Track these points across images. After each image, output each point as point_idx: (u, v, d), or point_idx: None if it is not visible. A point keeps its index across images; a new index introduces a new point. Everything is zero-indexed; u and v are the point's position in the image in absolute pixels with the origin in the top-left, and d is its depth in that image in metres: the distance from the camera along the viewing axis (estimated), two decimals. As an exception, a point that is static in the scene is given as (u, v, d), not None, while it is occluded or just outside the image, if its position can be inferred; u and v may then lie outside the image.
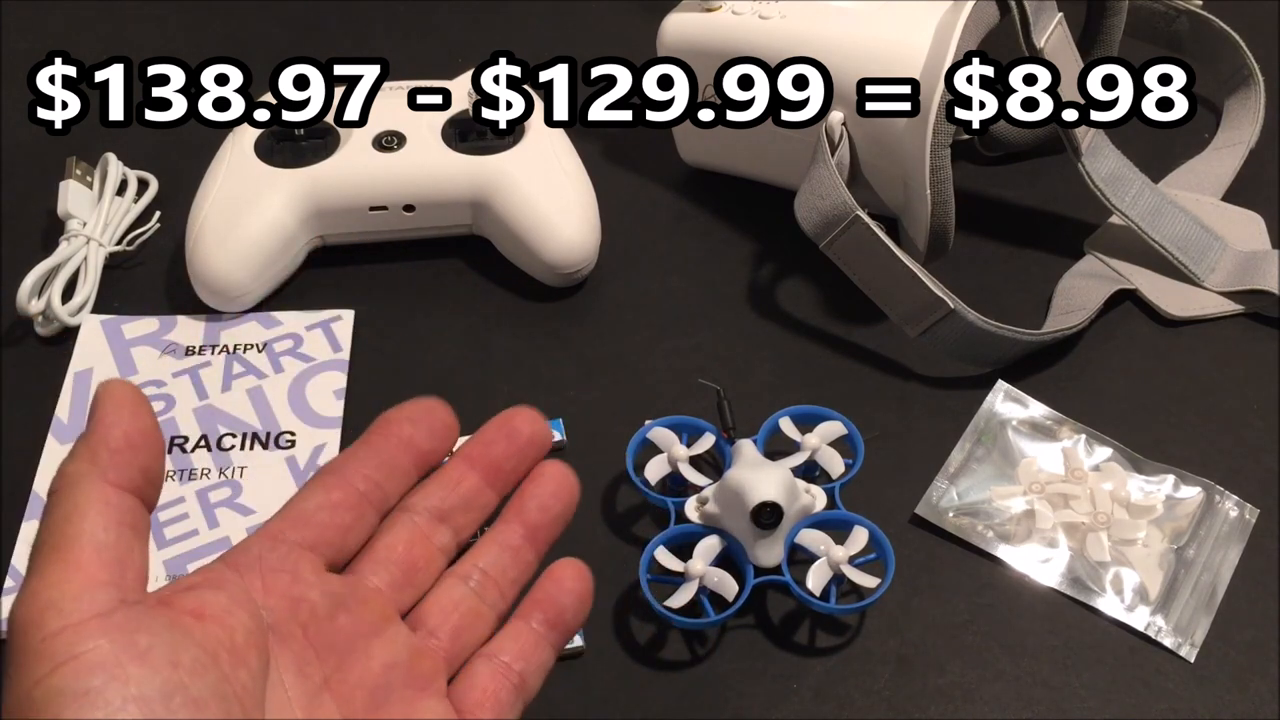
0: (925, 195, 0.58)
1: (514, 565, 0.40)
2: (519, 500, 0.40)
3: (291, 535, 0.37)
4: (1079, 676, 0.50)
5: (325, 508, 0.37)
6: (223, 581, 0.34)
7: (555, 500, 0.41)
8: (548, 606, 0.40)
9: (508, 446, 0.40)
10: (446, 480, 0.40)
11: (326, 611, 0.36)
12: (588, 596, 0.40)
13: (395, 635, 0.38)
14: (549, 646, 0.40)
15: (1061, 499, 0.54)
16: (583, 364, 0.61)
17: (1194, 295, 0.62)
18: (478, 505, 0.40)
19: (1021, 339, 0.58)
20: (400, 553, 0.38)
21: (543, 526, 0.40)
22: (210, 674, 0.31)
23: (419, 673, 0.37)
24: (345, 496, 0.38)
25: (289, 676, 0.35)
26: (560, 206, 0.62)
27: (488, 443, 0.40)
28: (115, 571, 0.32)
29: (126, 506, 0.33)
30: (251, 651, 0.33)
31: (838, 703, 0.49)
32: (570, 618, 0.40)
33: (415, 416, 0.39)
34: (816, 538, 0.51)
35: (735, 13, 0.62)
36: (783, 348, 0.61)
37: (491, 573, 0.40)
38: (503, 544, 0.40)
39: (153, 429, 0.33)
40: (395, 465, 0.38)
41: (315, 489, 0.38)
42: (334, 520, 0.37)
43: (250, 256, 0.60)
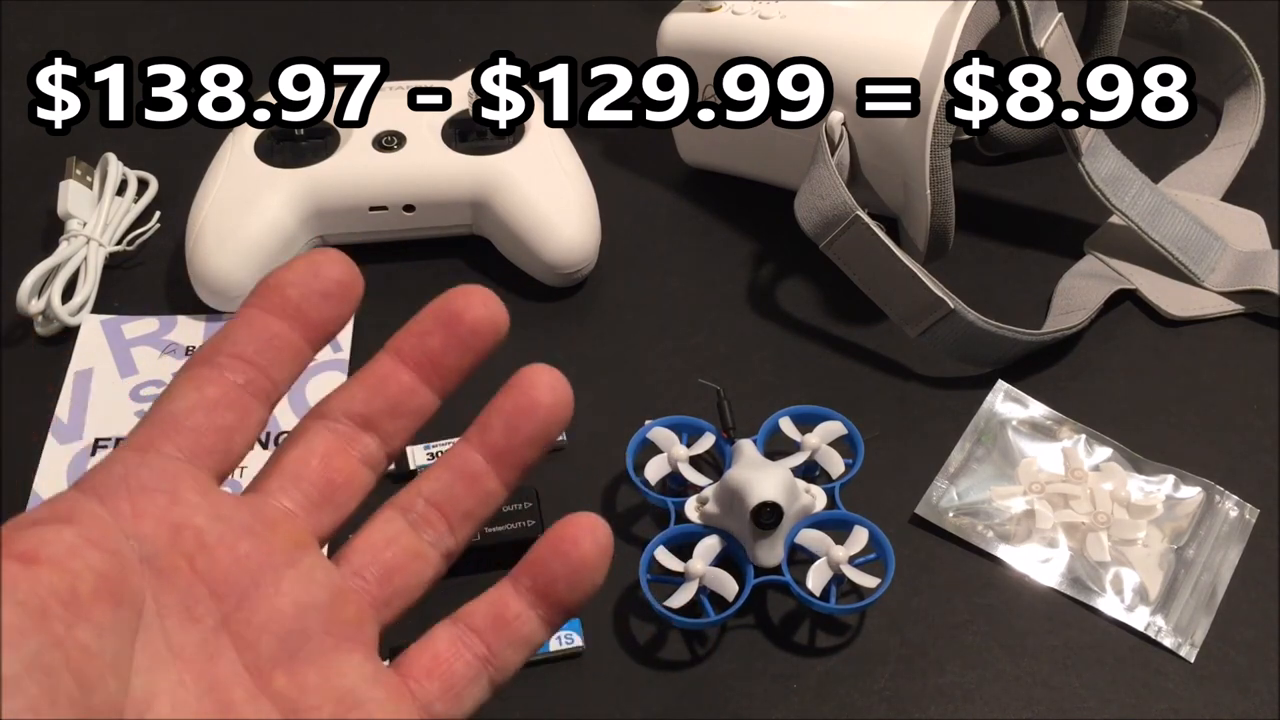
0: (925, 195, 0.58)
1: (469, 495, 0.33)
2: (485, 414, 0.33)
3: (164, 446, 0.30)
4: (1079, 676, 0.50)
5: (200, 406, 0.30)
6: (74, 513, 0.27)
7: (529, 418, 0.33)
8: (539, 574, 0.32)
9: (446, 335, 0.33)
10: (371, 379, 0.33)
11: (220, 538, 0.29)
12: (598, 564, 0.32)
13: (312, 568, 0.31)
14: (537, 620, 0.32)
15: (1061, 499, 0.54)
16: (583, 364, 0.61)
17: (1194, 295, 0.62)
18: (410, 409, 0.33)
19: (1021, 339, 0.58)
20: (315, 467, 0.32)
21: (511, 450, 0.33)
22: (31, 640, 0.24)
23: (341, 618, 0.31)
24: (222, 391, 0.30)
25: (173, 621, 0.28)
26: (560, 206, 0.62)
27: (422, 333, 0.33)
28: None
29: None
30: (102, 602, 0.26)
31: (838, 703, 0.49)
32: (567, 589, 0.32)
33: (299, 277, 0.32)
34: (816, 538, 0.51)
35: (735, 13, 0.62)
36: (783, 348, 0.61)
37: (439, 502, 0.33)
38: (458, 469, 0.33)
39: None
40: (280, 343, 0.31)
41: (184, 386, 0.31)
42: (212, 422, 0.30)
43: (250, 256, 0.60)
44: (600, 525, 0.32)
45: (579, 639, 0.50)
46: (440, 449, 0.56)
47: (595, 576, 0.32)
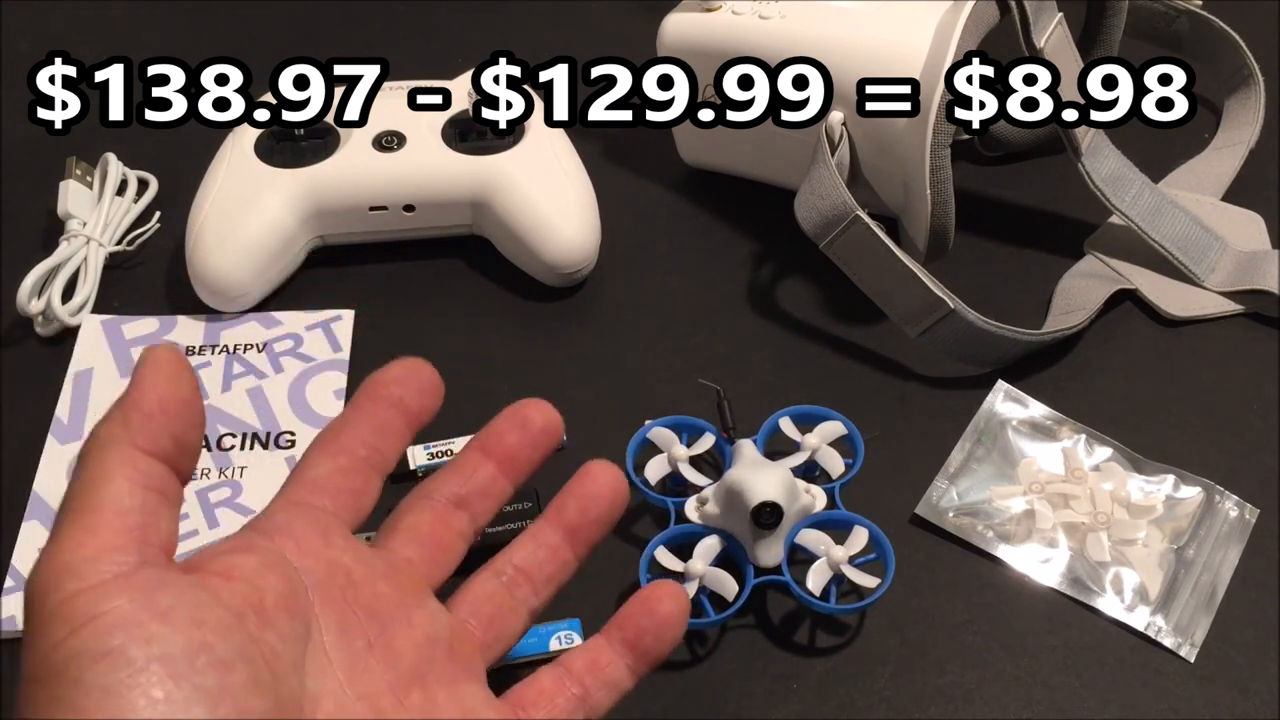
0: (925, 195, 0.58)
1: (550, 562, 0.40)
2: (560, 499, 0.41)
3: (313, 500, 0.36)
4: (1079, 676, 0.50)
5: (336, 473, 0.37)
6: (253, 546, 0.34)
7: (596, 502, 0.41)
8: (629, 627, 0.40)
9: (521, 436, 0.40)
10: (462, 468, 0.40)
11: (364, 577, 0.36)
12: (679, 622, 0.40)
13: (434, 610, 0.37)
14: (624, 668, 0.40)
15: (1061, 499, 0.54)
16: (583, 364, 0.61)
17: (1194, 295, 0.62)
18: (493, 493, 0.40)
19: (1021, 339, 0.58)
20: (425, 531, 0.39)
21: (583, 527, 0.41)
22: (236, 634, 0.30)
23: (460, 653, 0.37)
24: (351, 461, 0.37)
25: (331, 638, 0.34)
26: (560, 206, 0.62)
27: (501, 433, 0.41)
28: (137, 536, 0.31)
29: (154, 472, 0.32)
30: (283, 614, 0.32)
31: (838, 703, 0.49)
32: (652, 642, 0.40)
33: (401, 378, 0.39)
34: (816, 538, 0.51)
35: (735, 13, 0.62)
36: (783, 348, 0.61)
37: (525, 568, 0.40)
38: (539, 541, 0.40)
39: (190, 396, 0.33)
40: (389, 427, 0.39)
41: (320, 456, 0.37)
42: (347, 485, 0.37)
43: (250, 256, 0.60)
44: (680, 591, 0.40)
45: (579, 639, 0.50)
46: (439, 449, 0.56)
47: (676, 632, 0.40)
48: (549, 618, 0.50)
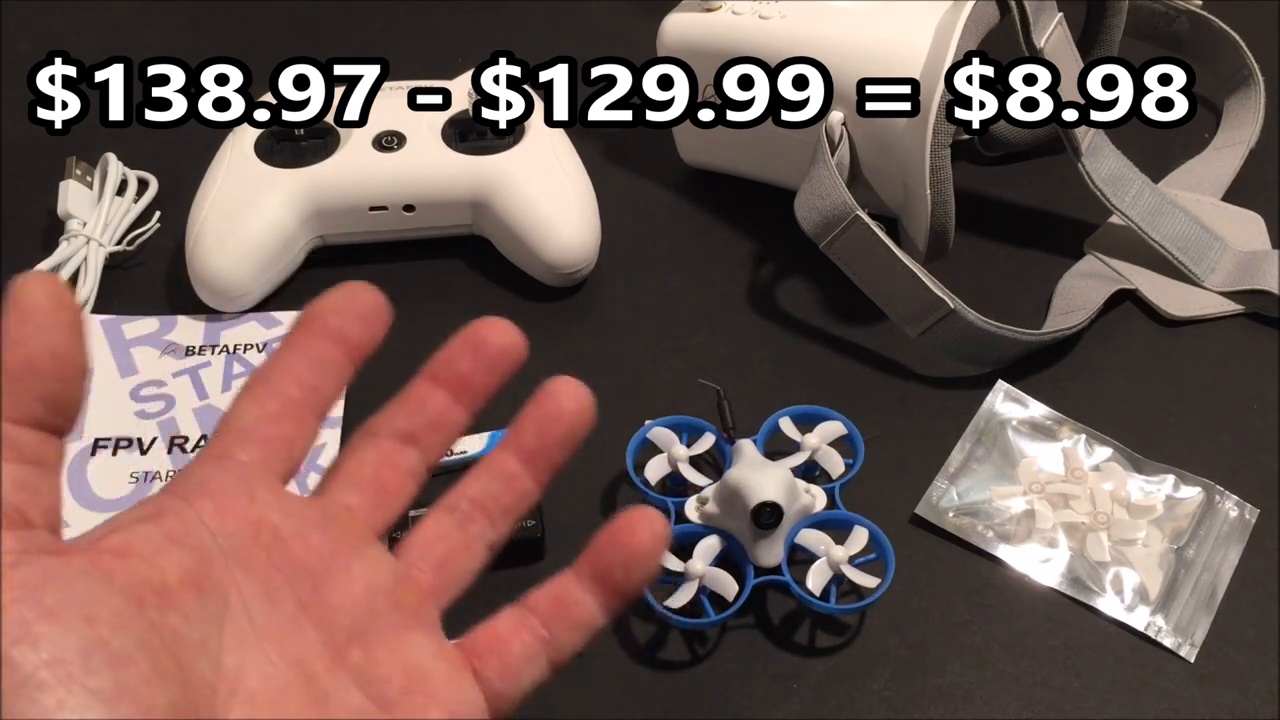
0: (925, 195, 0.58)
1: (507, 492, 0.37)
2: (518, 422, 0.37)
3: (238, 454, 0.33)
4: (1079, 676, 0.50)
5: (264, 420, 0.34)
6: (162, 513, 0.31)
7: (556, 423, 0.37)
8: (600, 558, 0.36)
9: (474, 360, 0.37)
10: (410, 400, 0.37)
11: (294, 531, 0.33)
12: (653, 551, 0.35)
13: (376, 557, 0.34)
14: (594, 604, 0.36)
15: (1061, 499, 0.54)
16: (583, 364, 0.61)
17: (1194, 295, 0.62)
18: (446, 424, 0.37)
19: (1021, 339, 0.58)
20: (369, 473, 0.35)
21: (541, 451, 0.37)
22: (134, 624, 0.28)
23: (405, 602, 0.34)
24: (281, 405, 0.34)
25: (256, 604, 0.31)
26: (560, 206, 0.62)
27: (452, 358, 0.37)
28: (14, 520, 0.28)
29: (26, 442, 0.29)
30: (189, 591, 0.29)
31: (838, 703, 0.49)
32: (623, 575, 0.35)
33: (340, 305, 0.36)
34: (816, 538, 0.51)
35: (735, 13, 0.62)
36: (783, 348, 0.61)
37: (481, 500, 0.37)
38: (495, 471, 0.37)
39: (66, 346, 0.29)
40: (327, 362, 0.35)
41: (247, 402, 0.34)
42: (276, 432, 0.34)
43: (250, 256, 0.60)
44: (656, 517, 0.36)
45: (579, 639, 0.50)
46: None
47: (650, 562, 0.35)
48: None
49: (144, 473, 0.55)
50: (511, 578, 0.53)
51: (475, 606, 0.47)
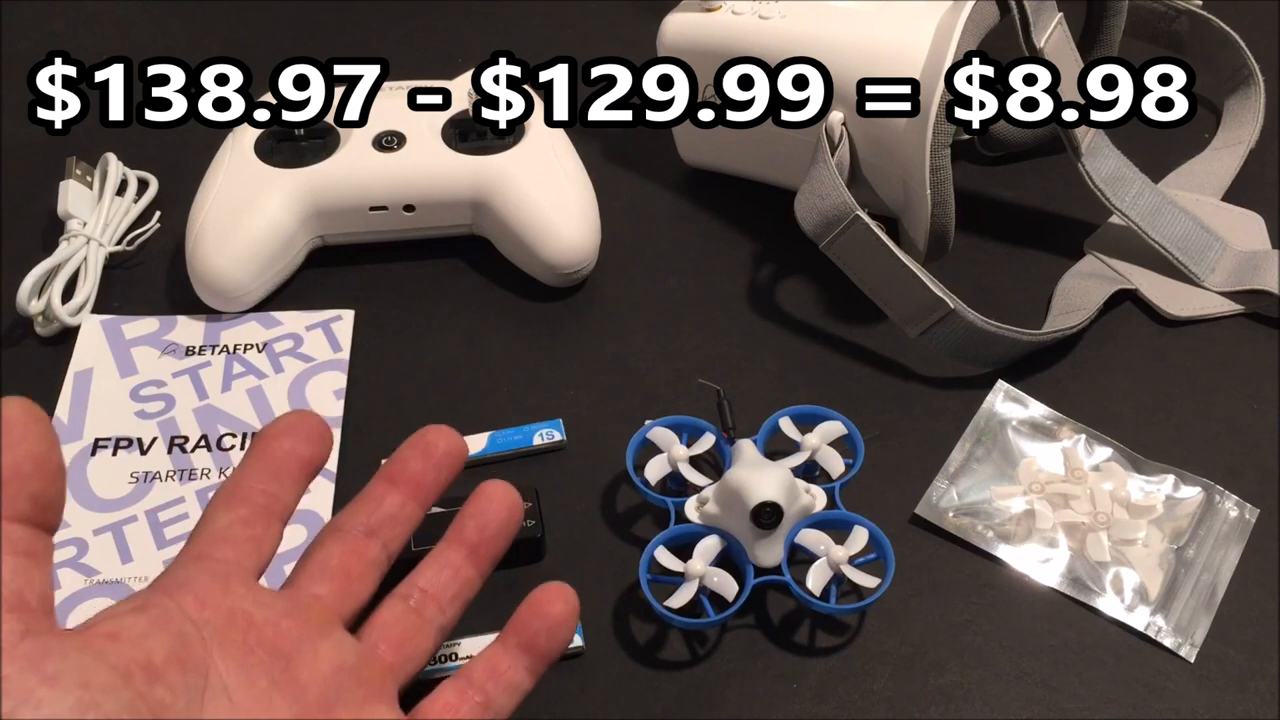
0: (925, 195, 0.58)
1: (453, 582, 0.42)
2: (458, 521, 0.43)
3: (214, 552, 0.38)
4: (1079, 676, 0.50)
5: (236, 523, 0.39)
6: (148, 605, 0.35)
7: (492, 520, 0.43)
8: (522, 630, 0.42)
9: (424, 462, 0.43)
10: (369, 500, 0.42)
11: (266, 618, 0.37)
12: (568, 621, 0.42)
13: (341, 640, 0.39)
14: (522, 670, 0.41)
15: (1061, 499, 0.54)
16: (583, 364, 0.61)
17: (1194, 295, 0.62)
18: (402, 519, 0.42)
19: (1021, 339, 0.58)
20: (335, 564, 0.40)
21: (482, 544, 0.43)
22: (123, 692, 0.32)
23: (368, 677, 0.39)
24: (250, 511, 0.39)
25: (234, 680, 0.36)
26: (560, 206, 0.62)
27: (404, 460, 0.43)
28: (14, 605, 0.32)
29: (17, 537, 0.33)
30: (173, 668, 0.34)
31: (838, 703, 0.49)
32: (545, 643, 0.42)
33: (288, 430, 0.41)
34: (816, 538, 0.51)
35: (735, 13, 0.62)
36: (783, 348, 0.61)
37: (430, 590, 0.42)
38: (442, 563, 0.42)
39: (45, 450, 0.33)
40: (284, 475, 0.40)
41: (219, 510, 0.39)
42: (247, 533, 0.39)
43: (250, 256, 0.61)
44: (568, 591, 0.42)
45: (579, 639, 0.50)
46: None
47: (567, 631, 0.42)
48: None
49: (144, 473, 0.55)
50: (512, 578, 0.53)
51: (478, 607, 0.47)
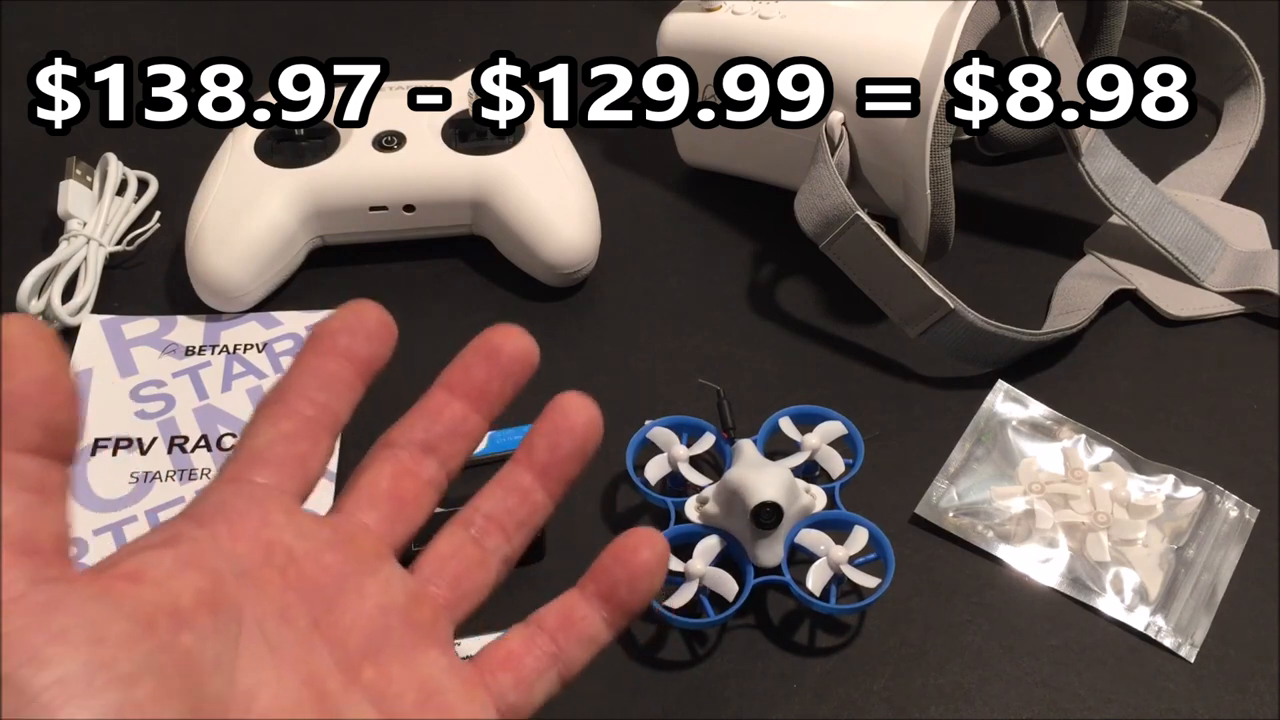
0: (925, 195, 0.58)
1: (521, 506, 0.38)
2: (529, 438, 0.38)
3: (253, 475, 0.34)
4: (1079, 676, 0.50)
5: (279, 440, 0.35)
6: (177, 538, 0.32)
7: (567, 437, 0.38)
8: (604, 577, 0.37)
9: (489, 368, 0.37)
10: (427, 410, 0.38)
11: (307, 551, 0.34)
12: (655, 570, 0.37)
13: (390, 575, 0.35)
14: (600, 621, 0.37)
15: (1061, 499, 0.54)
16: (583, 364, 0.61)
17: (1194, 295, 0.62)
18: (463, 433, 0.37)
19: (1021, 339, 0.58)
20: (385, 487, 0.36)
21: (554, 465, 0.38)
22: (143, 644, 0.28)
23: (418, 619, 0.35)
24: (295, 425, 0.35)
25: (271, 624, 0.32)
26: (560, 206, 0.62)
27: (467, 366, 0.38)
28: (21, 549, 0.28)
29: (27, 470, 0.29)
30: (203, 612, 0.30)
31: (838, 703, 0.49)
32: (627, 593, 0.37)
33: (349, 325, 0.37)
34: (816, 538, 0.51)
35: (735, 13, 0.62)
36: (783, 348, 0.61)
37: (495, 515, 0.37)
38: (509, 486, 0.38)
39: (52, 372, 0.29)
40: (338, 380, 0.36)
41: (262, 423, 0.35)
42: (291, 452, 0.35)
43: (250, 256, 0.61)
44: (658, 538, 0.37)
45: (579, 639, 0.50)
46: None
47: (653, 581, 0.37)
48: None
49: (144, 473, 0.55)
50: (512, 577, 0.53)
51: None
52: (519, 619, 0.51)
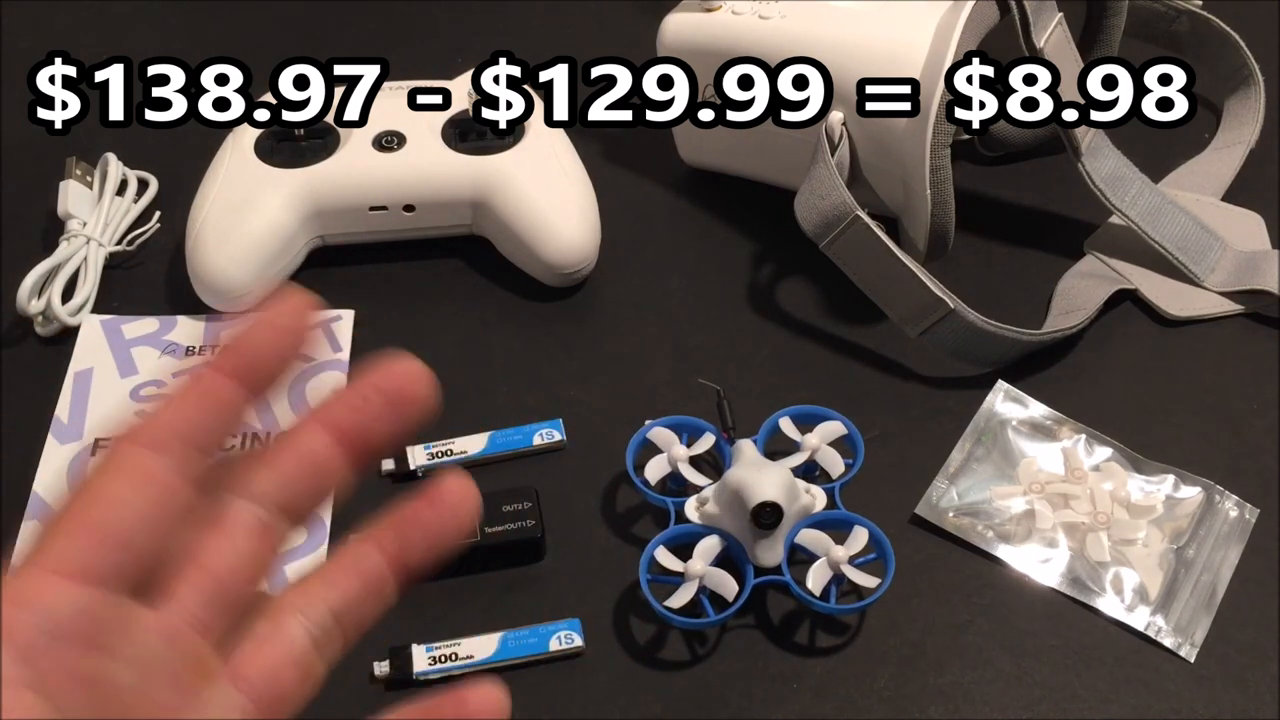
0: (925, 195, 0.58)
1: (368, 600, 0.31)
2: (395, 522, 0.32)
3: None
4: (1079, 676, 0.50)
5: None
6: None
7: (433, 528, 0.32)
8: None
9: (380, 407, 0.32)
10: (290, 455, 0.31)
11: (135, 686, 0.28)
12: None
13: (214, 704, 0.29)
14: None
15: (1061, 499, 0.54)
16: (583, 364, 0.61)
17: (1194, 295, 0.62)
18: (326, 479, 0.31)
19: (1021, 339, 0.58)
20: (227, 563, 0.30)
21: (410, 552, 0.32)
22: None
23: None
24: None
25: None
26: (560, 206, 0.62)
27: (351, 402, 0.32)
28: None
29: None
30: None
31: (838, 703, 0.49)
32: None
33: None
34: (816, 538, 0.51)
35: (735, 13, 0.62)
36: (783, 348, 0.61)
37: (344, 614, 0.31)
38: (362, 573, 0.31)
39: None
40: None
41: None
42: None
43: (250, 256, 0.60)
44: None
45: (579, 639, 0.50)
46: (439, 448, 0.56)
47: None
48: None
49: (144, 473, 0.55)
50: (511, 578, 0.53)
51: (478, 607, 0.47)
52: (519, 620, 0.51)
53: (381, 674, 0.49)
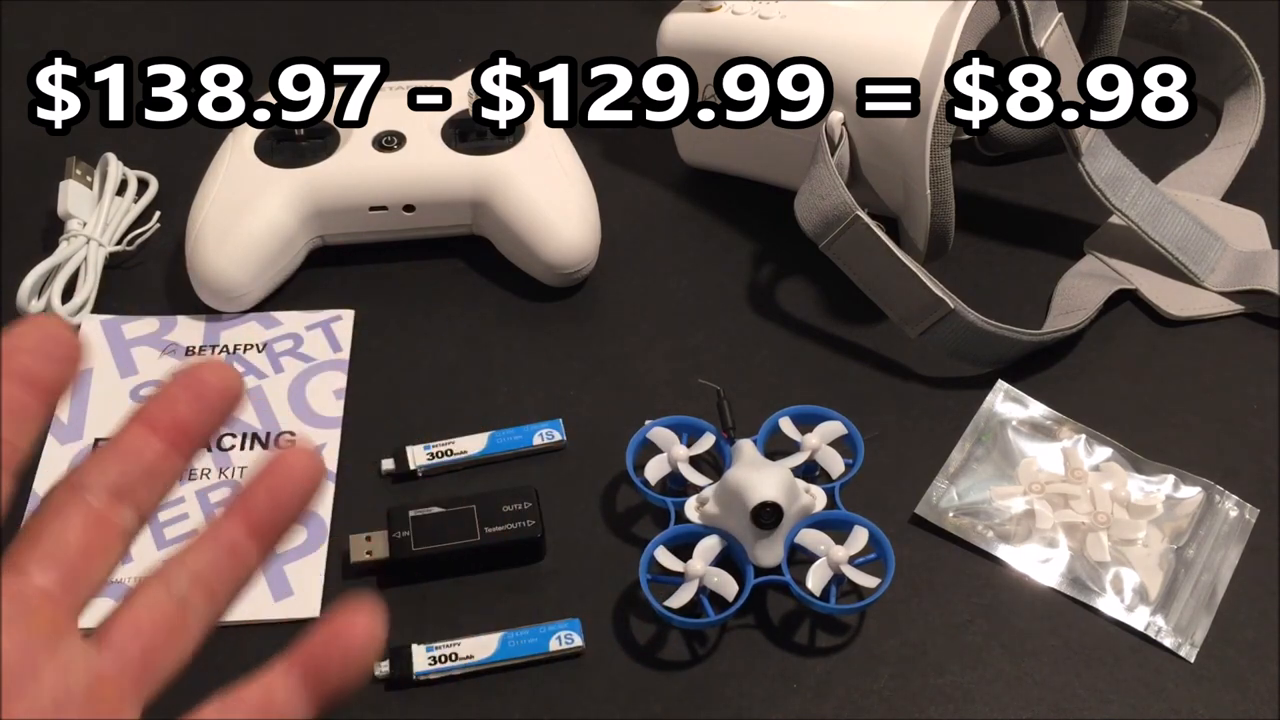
0: (925, 195, 0.58)
1: (233, 565, 0.34)
2: (248, 491, 0.34)
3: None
4: (1079, 676, 0.50)
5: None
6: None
7: (290, 492, 0.34)
8: (311, 657, 0.33)
9: (194, 403, 0.34)
10: (124, 449, 0.33)
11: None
12: (369, 647, 0.32)
13: (70, 657, 0.31)
14: (302, 705, 0.33)
15: (1061, 499, 0.54)
16: (583, 364, 0.61)
17: (1194, 295, 0.62)
18: (162, 473, 0.33)
19: (1021, 339, 0.58)
20: (73, 540, 0.32)
21: (272, 521, 0.34)
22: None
23: (99, 707, 0.31)
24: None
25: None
26: (560, 206, 0.62)
27: (170, 400, 0.34)
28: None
29: None
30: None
31: (838, 703, 0.49)
32: (338, 673, 0.32)
33: (33, 344, 0.32)
34: (816, 538, 0.51)
35: (735, 13, 0.62)
36: (783, 348, 0.61)
37: (204, 576, 0.33)
38: (221, 542, 0.34)
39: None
40: (22, 412, 0.32)
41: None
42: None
43: (250, 256, 0.60)
44: (372, 618, 0.33)
45: (579, 639, 0.50)
46: (439, 448, 0.56)
47: (366, 659, 0.33)
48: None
49: (144, 473, 0.55)
50: (512, 578, 0.53)
51: (478, 607, 0.47)
52: (519, 620, 0.51)
53: (381, 674, 0.49)
